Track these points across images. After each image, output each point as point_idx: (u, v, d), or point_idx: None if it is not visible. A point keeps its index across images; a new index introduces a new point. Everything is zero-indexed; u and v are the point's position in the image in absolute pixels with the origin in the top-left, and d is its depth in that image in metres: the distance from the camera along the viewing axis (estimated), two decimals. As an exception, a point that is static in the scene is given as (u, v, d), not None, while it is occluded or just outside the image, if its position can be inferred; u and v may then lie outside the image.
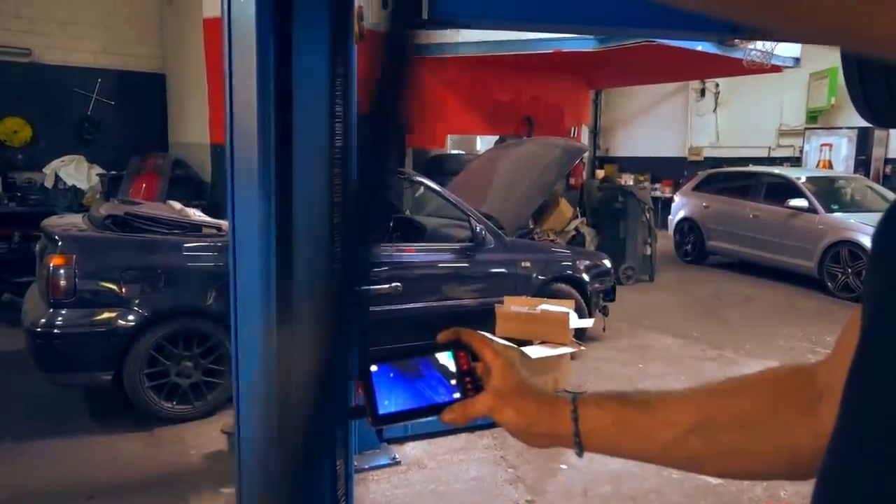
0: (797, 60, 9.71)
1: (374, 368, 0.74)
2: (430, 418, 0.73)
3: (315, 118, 1.45)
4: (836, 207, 7.90)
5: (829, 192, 8.23)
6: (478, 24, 1.62)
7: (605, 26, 1.66)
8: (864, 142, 10.91)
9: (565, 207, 7.42)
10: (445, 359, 0.76)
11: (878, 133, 10.87)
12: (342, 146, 1.48)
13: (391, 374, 0.74)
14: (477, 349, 0.75)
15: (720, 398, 0.64)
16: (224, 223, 3.79)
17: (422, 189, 5.47)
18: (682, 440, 0.63)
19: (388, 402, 0.73)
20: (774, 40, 7.44)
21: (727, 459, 0.62)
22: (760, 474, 0.66)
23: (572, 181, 9.95)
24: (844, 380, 0.42)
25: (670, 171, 13.46)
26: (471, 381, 0.74)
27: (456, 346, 0.76)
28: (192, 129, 8.47)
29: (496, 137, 9.35)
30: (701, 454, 0.62)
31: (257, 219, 1.43)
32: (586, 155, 11.11)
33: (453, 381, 0.75)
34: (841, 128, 11.11)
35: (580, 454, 0.70)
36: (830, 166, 11.04)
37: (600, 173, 13.28)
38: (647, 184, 10.65)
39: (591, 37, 8.25)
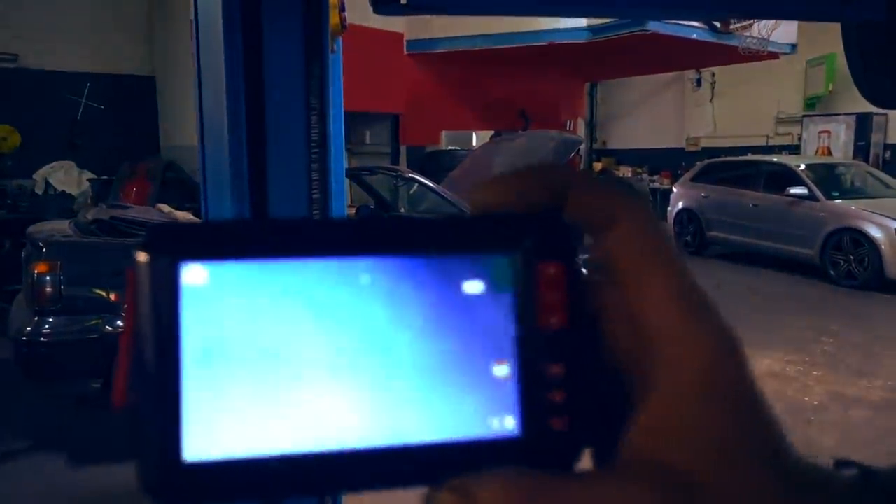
0: (793, 47, 9.61)
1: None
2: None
3: (290, 111, 1.38)
4: (836, 194, 7.82)
5: (829, 179, 8.16)
6: (457, 9, 1.53)
7: (591, 7, 1.57)
8: (862, 128, 10.83)
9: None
10: (489, 281, 0.25)
11: (877, 118, 10.78)
12: (319, 139, 1.40)
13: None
14: (626, 278, 0.25)
15: None
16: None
17: (416, 186, 5.39)
18: None
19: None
20: (767, 18, 7.34)
21: None
22: None
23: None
24: None
25: (668, 162, 13.37)
26: (571, 392, 0.24)
27: (537, 242, 0.25)
28: (183, 131, 8.38)
29: (491, 132, 9.27)
30: None
31: (231, 215, 1.35)
32: (582, 147, 11.04)
33: (502, 371, 0.24)
34: (839, 114, 11.02)
35: None
36: (829, 153, 10.96)
37: (598, 166, 13.20)
38: (644, 175, 10.57)
39: (585, 27, 8.16)
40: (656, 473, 0.23)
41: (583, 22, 8.19)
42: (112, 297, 3.52)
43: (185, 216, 4.23)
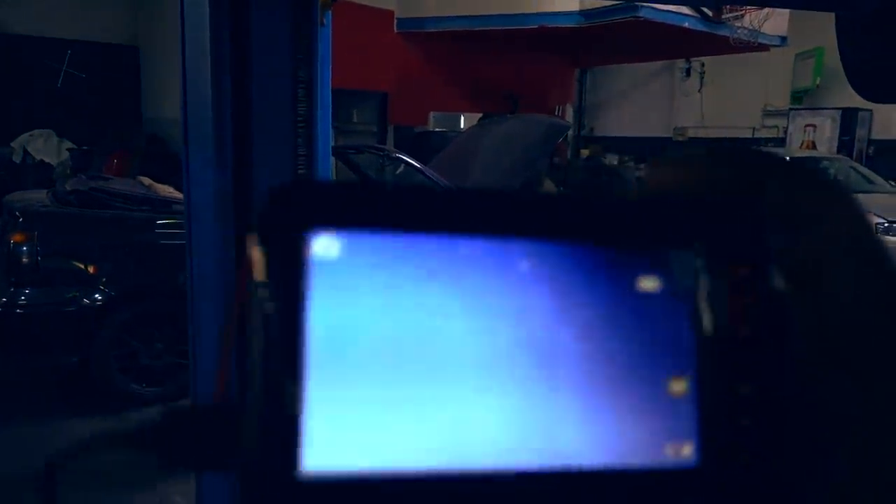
0: (784, 39, 9.63)
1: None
2: None
3: (276, 84, 1.34)
4: (819, 188, 7.88)
5: (812, 173, 8.21)
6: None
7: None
8: (848, 122, 10.91)
9: (549, 187, 7.34)
10: (666, 277, 0.22)
11: (862, 114, 10.87)
12: (305, 114, 1.38)
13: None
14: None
15: None
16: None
17: (402, 167, 5.35)
18: None
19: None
20: (763, 5, 7.34)
21: None
22: None
23: (556, 160, 9.87)
24: None
25: (655, 151, 13.41)
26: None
27: (729, 237, 0.22)
28: (166, 104, 8.24)
29: (479, 115, 9.23)
30: None
31: (213, 191, 1.32)
32: (570, 133, 11.03)
33: (680, 387, 0.22)
34: (825, 108, 11.09)
35: None
36: (814, 147, 11.05)
37: (585, 153, 13.20)
38: (631, 164, 10.61)
39: (577, 11, 8.12)
40: None
41: (575, 6, 8.13)
42: (91, 269, 3.46)
43: (165, 189, 4.16)
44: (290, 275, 0.19)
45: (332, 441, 0.18)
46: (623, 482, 0.20)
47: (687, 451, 0.20)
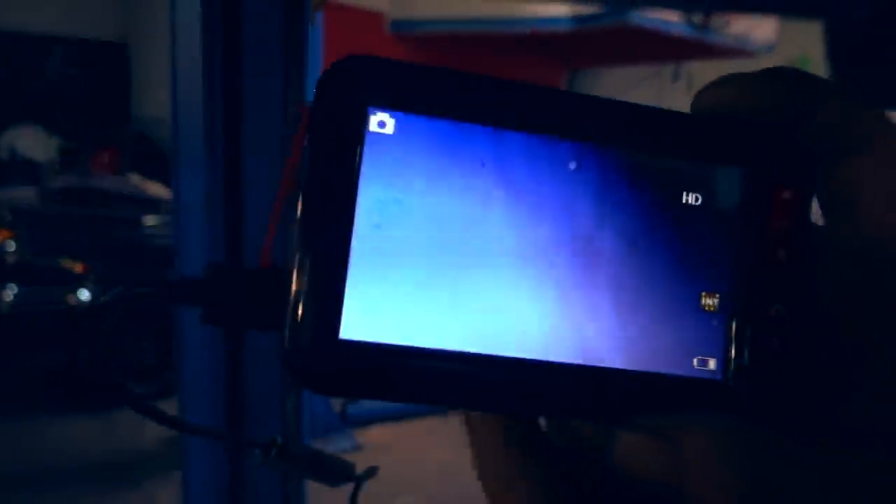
0: (771, 48, 9.73)
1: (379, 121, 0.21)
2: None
3: (267, 82, 1.35)
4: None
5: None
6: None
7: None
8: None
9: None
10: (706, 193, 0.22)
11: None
12: (297, 111, 1.38)
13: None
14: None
15: None
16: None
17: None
18: None
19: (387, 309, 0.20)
20: (752, 12, 7.43)
21: None
22: None
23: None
24: None
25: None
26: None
27: (776, 158, 0.22)
28: (156, 102, 8.20)
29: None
30: None
31: (202, 191, 1.33)
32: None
33: (712, 303, 0.22)
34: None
35: None
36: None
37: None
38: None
39: (568, 16, 8.16)
40: None
41: (566, 11, 8.18)
42: (78, 268, 3.45)
43: (155, 187, 4.15)
44: (344, 145, 0.19)
45: (369, 313, 0.19)
46: (647, 386, 0.21)
47: (712, 364, 0.21)
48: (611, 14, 7.67)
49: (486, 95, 0.20)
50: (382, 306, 0.19)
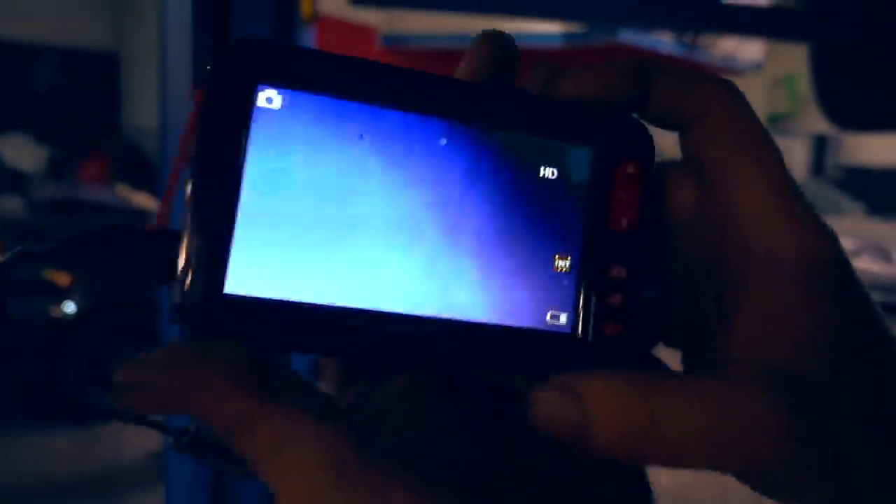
0: (758, 66, 9.86)
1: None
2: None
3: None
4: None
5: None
6: (433, 5, 1.52)
7: (555, 13, 1.57)
8: (819, 148, 11.16)
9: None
10: (560, 167, 0.24)
11: (833, 140, 11.12)
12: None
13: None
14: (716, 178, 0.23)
15: None
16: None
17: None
18: None
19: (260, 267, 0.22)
20: (739, 34, 7.52)
21: None
22: None
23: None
24: None
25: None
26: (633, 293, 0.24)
27: (619, 137, 0.25)
28: (148, 110, 8.18)
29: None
30: None
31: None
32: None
33: (563, 265, 0.24)
34: (798, 134, 11.34)
35: None
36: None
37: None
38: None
39: (558, 34, 8.24)
40: (771, 375, 0.19)
41: (556, 29, 8.25)
42: (62, 280, 3.41)
43: (143, 198, 4.13)
44: (233, 119, 0.21)
45: (252, 270, 0.21)
46: (505, 337, 0.23)
47: (563, 319, 0.24)
48: (601, 32, 7.75)
49: (366, 76, 0.22)
50: (265, 265, 0.21)
